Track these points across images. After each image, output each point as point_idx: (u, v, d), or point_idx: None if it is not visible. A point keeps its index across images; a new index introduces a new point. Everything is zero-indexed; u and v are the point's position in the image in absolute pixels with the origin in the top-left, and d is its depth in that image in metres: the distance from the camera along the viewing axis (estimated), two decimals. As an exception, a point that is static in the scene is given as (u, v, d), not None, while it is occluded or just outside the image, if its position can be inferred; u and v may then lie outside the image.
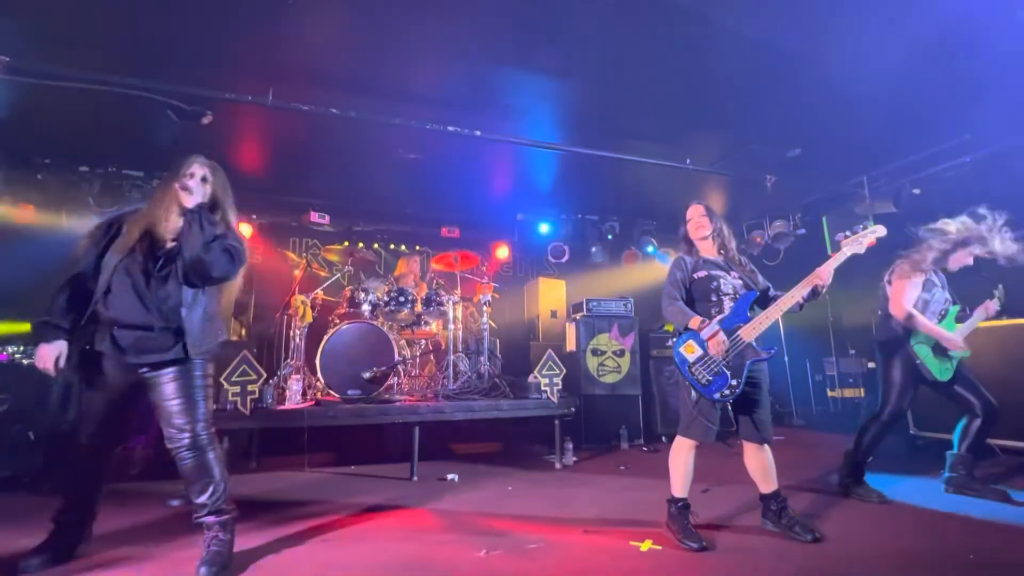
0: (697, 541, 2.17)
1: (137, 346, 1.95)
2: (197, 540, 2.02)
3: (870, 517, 2.57)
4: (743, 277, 2.40)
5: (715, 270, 2.40)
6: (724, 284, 2.36)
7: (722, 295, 2.34)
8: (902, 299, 2.90)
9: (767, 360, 2.30)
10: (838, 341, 6.20)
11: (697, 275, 2.40)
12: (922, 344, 2.91)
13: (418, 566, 2.03)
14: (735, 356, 2.24)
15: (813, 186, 5.52)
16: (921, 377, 2.92)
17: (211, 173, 2.10)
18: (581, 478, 3.62)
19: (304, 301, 4.27)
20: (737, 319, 2.28)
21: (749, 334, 2.24)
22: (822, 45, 3.28)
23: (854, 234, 2.40)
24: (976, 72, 3.51)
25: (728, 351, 2.23)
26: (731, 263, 2.45)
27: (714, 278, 2.37)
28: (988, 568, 1.91)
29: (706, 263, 2.43)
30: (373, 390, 3.82)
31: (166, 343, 1.98)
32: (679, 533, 2.23)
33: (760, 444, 2.33)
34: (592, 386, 4.97)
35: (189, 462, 1.98)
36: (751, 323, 2.25)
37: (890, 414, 2.96)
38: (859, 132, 4.39)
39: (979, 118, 4.05)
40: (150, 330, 1.96)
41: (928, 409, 4.26)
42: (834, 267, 2.33)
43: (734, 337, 2.25)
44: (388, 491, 3.24)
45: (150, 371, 1.98)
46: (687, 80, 3.73)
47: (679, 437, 2.36)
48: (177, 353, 1.99)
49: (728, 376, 2.23)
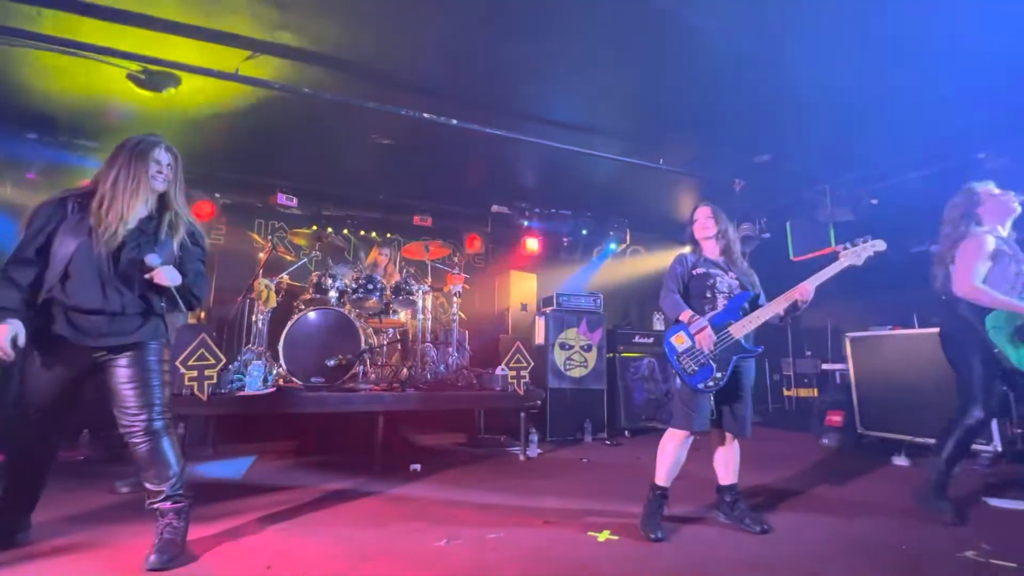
0: (654, 532, 2.24)
1: (98, 329, 1.89)
2: (148, 527, 1.95)
3: (820, 510, 2.70)
4: (740, 278, 2.48)
5: (714, 269, 2.48)
6: (720, 282, 2.43)
7: (717, 293, 2.42)
8: (969, 275, 2.48)
9: (753, 357, 2.39)
10: (795, 342, 6.46)
11: (696, 272, 2.49)
12: (998, 328, 2.44)
13: (378, 555, 2.02)
14: (723, 351, 2.32)
15: (779, 192, 5.70)
16: (1004, 368, 2.45)
17: (174, 159, 2.08)
18: (544, 470, 3.67)
19: (268, 285, 4.14)
20: (729, 316, 2.37)
21: (738, 331, 2.33)
22: (790, 55, 3.38)
23: (854, 246, 2.43)
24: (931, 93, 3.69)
25: (716, 345, 2.32)
26: (732, 264, 2.52)
27: (711, 276, 2.45)
28: (917, 555, 2.03)
29: (706, 262, 2.51)
30: (337, 378, 3.75)
31: (129, 327, 1.93)
32: (644, 519, 2.31)
33: (735, 437, 2.44)
34: (559, 380, 5.03)
35: (143, 448, 1.92)
36: (741, 321, 2.34)
37: (977, 417, 2.46)
38: (823, 141, 4.55)
39: (932, 135, 4.26)
40: (113, 314, 1.90)
41: (875, 406, 4.51)
42: (823, 280, 2.38)
43: (724, 333, 2.34)
44: (350, 480, 3.21)
45: (107, 354, 1.92)
46: (662, 82, 3.78)
47: (669, 428, 2.43)
48: (139, 336, 1.94)
49: (713, 368, 2.31)
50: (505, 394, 4.08)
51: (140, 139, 2.02)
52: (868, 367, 4.63)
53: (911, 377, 4.06)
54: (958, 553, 2.07)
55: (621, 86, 3.88)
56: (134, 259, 1.92)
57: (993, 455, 3.66)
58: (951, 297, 2.60)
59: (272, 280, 4.28)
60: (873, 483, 3.26)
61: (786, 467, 3.80)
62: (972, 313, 2.50)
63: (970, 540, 2.20)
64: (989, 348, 2.46)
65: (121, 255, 1.92)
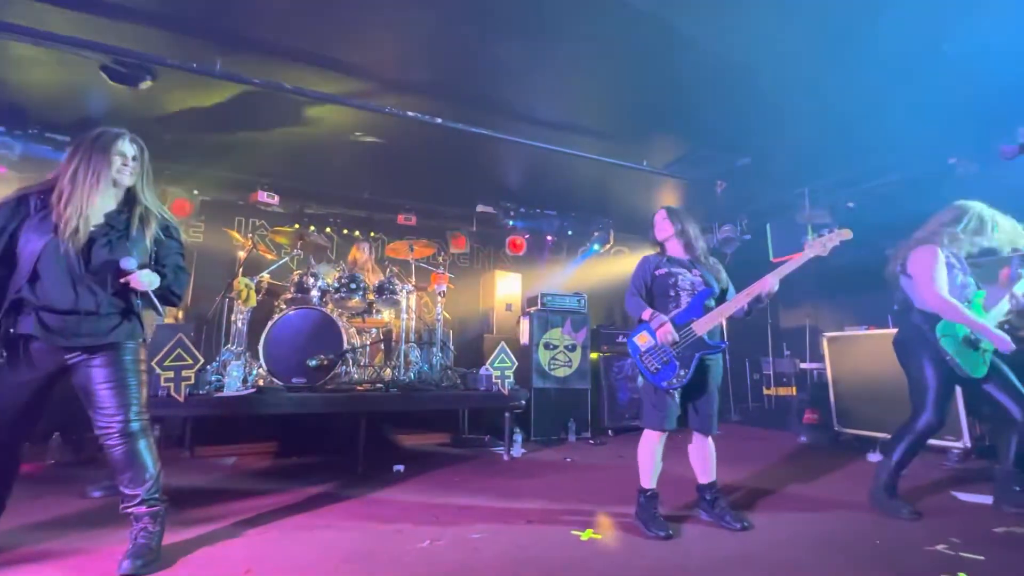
0: (664, 529, 2.25)
1: (71, 329, 1.82)
2: (121, 533, 1.90)
3: (797, 506, 2.75)
4: (704, 275, 2.49)
5: (676, 268, 2.50)
6: (682, 281, 2.46)
7: (680, 291, 2.45)
8: (934, 286, 2.49)
9: (717, 354, 2.41)
10: (775, 342, 6.58)
11: (658, 272, 2.52)
12: (948, 337, 2.50)
13: (360, 558, 2.00)
14: (686, 348, 2.35)
15: (759, 194, 5.80)
16: (955, 376, 2.51)
17: (140, 152, 2.01)
18: (528, 470, 3.67)
19: (248, 284, 4.07)
20: (692, 313, 2.39)
21: (701, 327, 2.35)
22: (770, 60, 3.44)
23: (820, 236, 2.45)
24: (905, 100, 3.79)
25: (679, 342, 2.35)
26: (695, 262, 2.55)
27: (673, 275, 2.48)
28: (890, 549, 2.09)
29: (669, 261, 2.54)
30: (319, 379, 3.70)
31: (104, 326, 1.87)
32: (644, 523, 2.32)
33: (704, 435, 2.46)
34: (543, 379, 5.04)
35: (119, 451, 1.86)
36: (704, 317, 2.37)
37: (927, 423, 2.52)
38: (802, 145, 4.64)
39: (906, 141, 4.38)
40: (87, 314, 1.84)
41: (851, 404, 4.62)
42: (787, 273, 2.41)
43: (686, 330, 2.36)
44: (332, 482, 3.17)
45: (81, 355, 1.86)
46: (645, 84, 3.81)
47: (644, 430, 2.46)
48: (115, 337, 1.88)
49: (677, 366, 2.35)
50: (489, 394, 4.07)
51: (101, 131, 1.95)
52: (844, 366, 4.74)
53: (885, 376, 4.16)
54: (928, 547, 2.13)
55: (606, 87, 3.91)
56: (108, 260, 1.86)
57: (962, 451, 3.78)
58: (904, 306, 2.68)
59: (252, 279, 4.20)
60: (848, 480, 3.34)
61: (765, 465, 3.86)
62: (924, 321, 2.57)
63: (940, 534, 2.27)
64: (941, 356, 2.51)
65: (92, 252, 1.86)
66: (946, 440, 3.82)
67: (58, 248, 1.81)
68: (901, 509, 2.54)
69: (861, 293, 5.63)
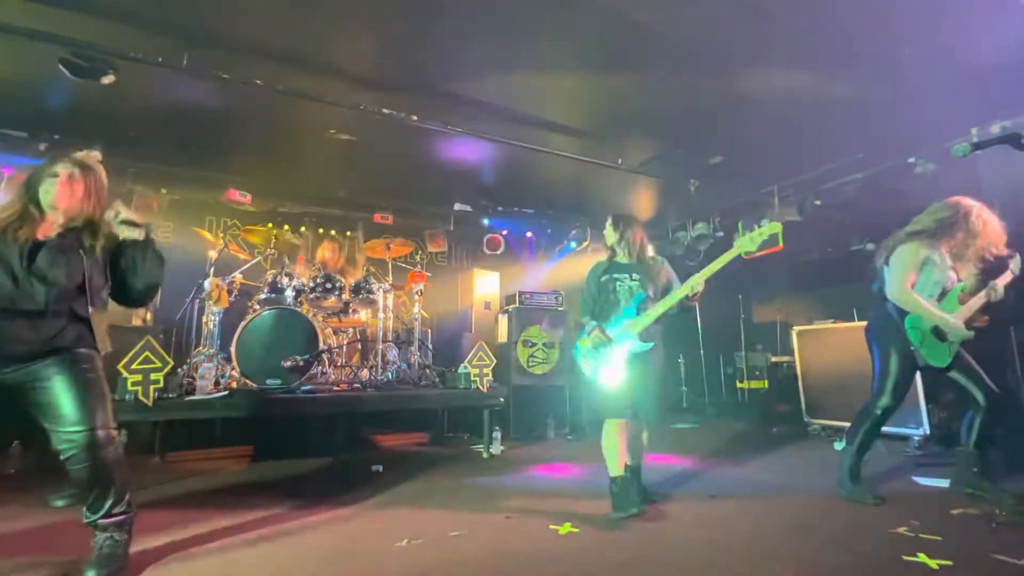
0: (636, 506, 2.43)
1: (16, 337, 1.71)
2: (88, 541, 1.83)
3: (768, 495, 2.84)
4: (642, 279, 2.66)
5: (618, 273, 2.70)
6: (620, 286, 2.66)
7: (619, 295, 2.65)
8: (897, 281, 2.64)
9: (644, 352, 2.55)
10: (747, 337, 6.75)
11: (602, 279, 2.72)
12: (915, 329, 2.64)
13: (338, 559, 1.99)
14: (618, 346, 2.56)
15: (731, 192, 5.93)
16: (917, 365, 2.67)
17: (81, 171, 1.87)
18: (507, 467, 3.69)
19: (219, 284, 3.98)
20: (626, 315, 2.60)
21: (632, 329, 2.55)
22: (738, 59, 3.52)
23: (750, 231, 2.59)
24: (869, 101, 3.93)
25: (612, 342, 2.55)
26: (637, 265, 2.70)
27: (614, 280, 2.68)
28: (855, 533, 2.18)
29: (613, 266, 2.74)
30: (295, 380, 3.65)
31: (54, 330, 1.75)
32: (617, 505, 2.45)
33: (642, 424, 2.61)
34: (522, 377, 5.06)
35: (81, 468, 1.74)
36: (635, 319, 2.56)
37: (883, 408, 2.67)
38: (771, 144, 4.77)
39: (868, 141, 4.55)
40: (34, 317, 1.73)
41: (819, 396, 4.77)
42: (712, 273, 2.56)
43: (619, 331, 2.57)
44: (309, 484, 3.13)
45: (31, 364, 1.73)
46: (619, 83, 3.86)
47: (606, 421, 2.59)
48: (67, 341, 1.77)
49: (611, 362, 2.56)
50: (468, 392, 4.07)
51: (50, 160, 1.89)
52: (813, 359, 4.89)
53: (851, 367, 4.31)
54: (890, 529, 2.23)
55: (580, 86, 3.94)
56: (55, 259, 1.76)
57: (922, 437, 3.95)
58: (881, 296, 2.79)
59: (224, 279, 4.11)
60: (816, 468, 3.45)
61: (737, 456, 3.96)
62: (897, 312, 2.70)
63: (901, 516, 2.37)
64: (907, 344, 2.65)
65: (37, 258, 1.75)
66: (907, 428, 3.99)
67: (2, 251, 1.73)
68: (865, 494, 2.65)
69: (828, 288, 5.82)
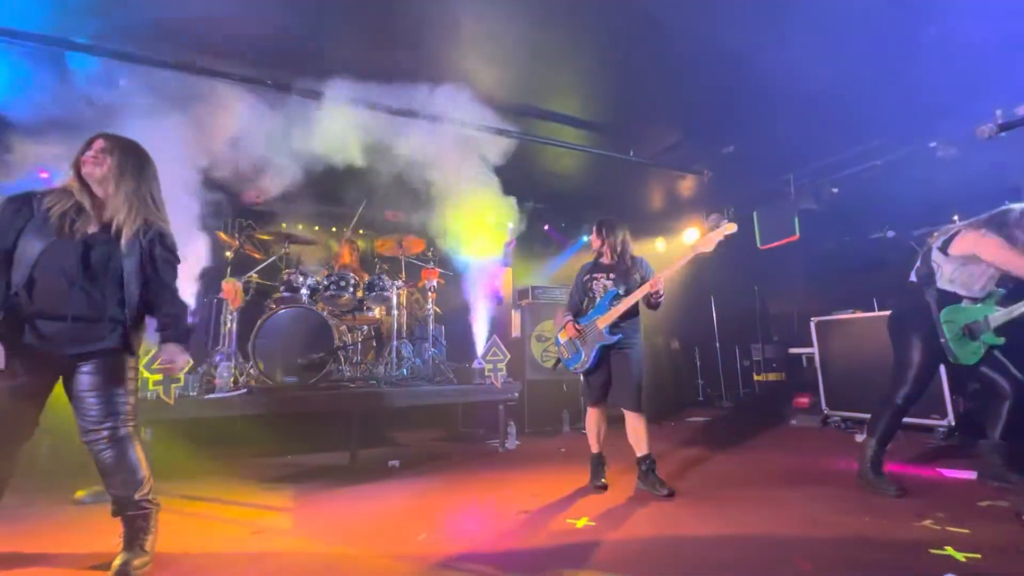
0: (597, 480, 2.87)
1: (65, 336, 1.78)
2: (114, 535, 1.88)
3: (788, 488, 2.80)
4: (617, 278, 2.87)
5: (598, 273, 2.95)
6: (596, 284, 2.92)
7: (595, 293, 2.92)
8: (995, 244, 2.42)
9: (614, 344, 2.78)
10: (764, 329, 6.66)
11: (584, 279, 3.00)
12: (950, 323, 2.51)
13: (356, 552, 2.01)
14: (589, 339, 2.86)
15: (746, 182, 5.84)
16: (944, 357, 2.55)
17: (115, 146, 1.89)
18: (523, 461, 3.69)
19: (236, 284, 4.04)
20: (597, 312, 2.86)
21: (602, 323, 2.80)
22: (754, 47, 3.45)
23: (710, 231, 2.71)
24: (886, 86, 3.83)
25: (583, 335, 2.87)
26: (617, 266, 2.91)
27: (593, 280, 2.94)
28: (879, 526, 2.14)
29: (596, 267, 3.00)
30: (311, 377, 3.69)
31: (98, 333, 1.82)
32: (591, 478, 2.90)
33: (629, 411, 2.78)
34: (536, 371, 5.06)
35: (107, 458, 1.84)
36: (605, 314, 2.79)
37: (905, 397, 2.59)
38: (787, 132, 4.67)
39: (889, 125, 4.43)
40: (81, 321, 1.79)
41: (839, 387, 4.69)
42: (674, 271, 2.77)
43: (590, 325, 2.85)
44: (327, 479, 3.17)
45: (73, 361, 1.82)
46: (632, 73, 3.81)
47: None
48: (108, 344, 1.84)
49: (582, 354, 2.88)
50: (482, 387, 4.08)
51: None
52: (832, 350, 4.81)
53: (872, 358, 4.23)
54: (916, 522, 2.18)
55: (593, 77, 3.91)
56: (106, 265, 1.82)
57: (947, 428, 3.86)
58: (922, 282, 2.63)
59: (240, 279, 4.17)
60: (838, 460, 3.40)
61: (756, 448, 3.92)
62: (936, 301, 2.55)
63: (927, 509, 2.32)
64: (935, 336, 2.53)
65: (91, 258, 1.81)
66: (931, 419, 3.90)
67: (57, 253, 1.76)
68: (888, 486, 2.59)
69: (847, 277, 5.70)
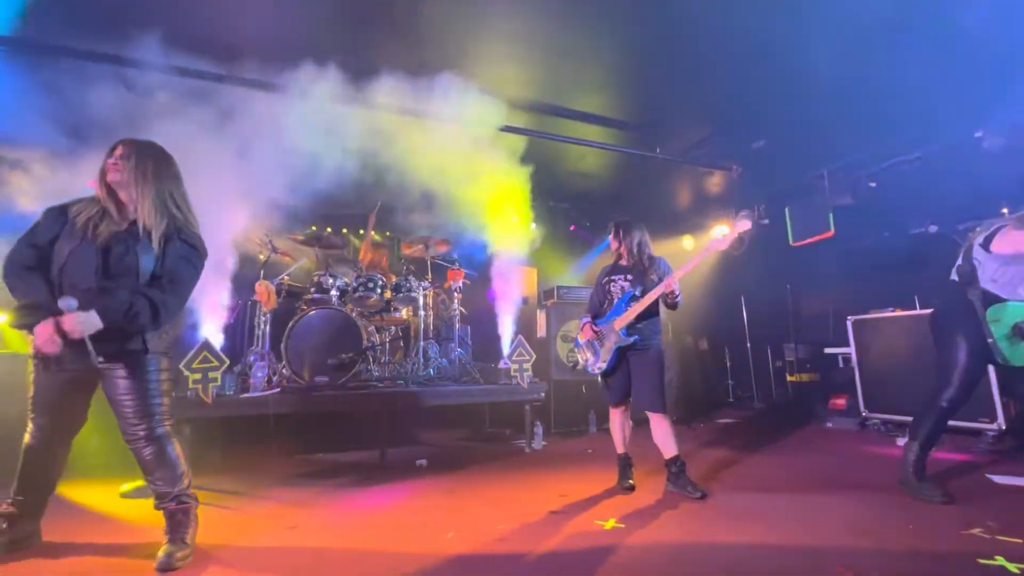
0: (624, 482, 2.83)
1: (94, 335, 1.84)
2: (157, 528, 1.96)
3: (825, 492, 2.71)
4: (633, 279, 2.86)
5: (616, 275, 2.96)
6: (614, 287, 2.94)
7: (613, 295, 2.93)
8: None
9: (631, 345, 2.78)
10: (797, 328, 6.46)
11: (602, 281, 3.02)
12: (997, 322, 2.42)
13: (386, 551, 2.04)
14: (606, 340, 2.86)
15: (777, 177, 5.68)
16: (991, 358, 2.45)
17: (133, 151, 1.94)
18: (550, 461, 3.68)
19: (269, 287, 4.15)
20: (614, 313, 2.86)
21: (619, 324, 2.80)
22: (784, 35, 3.35)
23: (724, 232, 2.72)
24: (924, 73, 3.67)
25: (601, 337, 2.86)
26: (634, 267, 2.91)
27: (611, 281, 2.96)
28: (923, 534, 2.05)
29: (614, 269, 3.01)
30: (341, 376, 3.76)
31: (119, 333, 1.88)
32: (618, 479, 2.89)
33: (652, 412, 2.74)
34: (562, 371, 5.03)
35: (147, 455, 1.94)
36: (622, 315, 2.79)
37: (950, 400, 2.47)
38: (819, 125, 4.52)
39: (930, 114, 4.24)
40: None
41: (878, 388, 4.51)
42: (686, 272, 2.75)
43: (607, 326, 2.84)
44: (356, 477, 3.22)
45: (105, 361, 1.88)
46: (657, 68, 3.76)
47: None
48: (135, 344, 1.92)
49: (600, 356, 2.87)
50: (509, 387, 4.08)
51: None
52: (871, 350, 4.64)
53: (914, 359, 4.06)
54: (964, 531, 2.08)
55: (620, 75, 3.87)
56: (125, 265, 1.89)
57: (997, 432, 3.67)
58: (965, 280, 2.53)
59: (273, 281, 4.28)
60: (877, 465, 3.28)
61: (790, 451, 3.81)
62: (980, 299, 2.45)
63: (975, 517, 2.21)
64: (981, 336, 2.43)
65: (110, 259, 1.88)
66: (980, 422, 3.72)
67: (82, 254, 1.85)
68: (932, 492, 2.48)
69: (885, 275, 5.48)
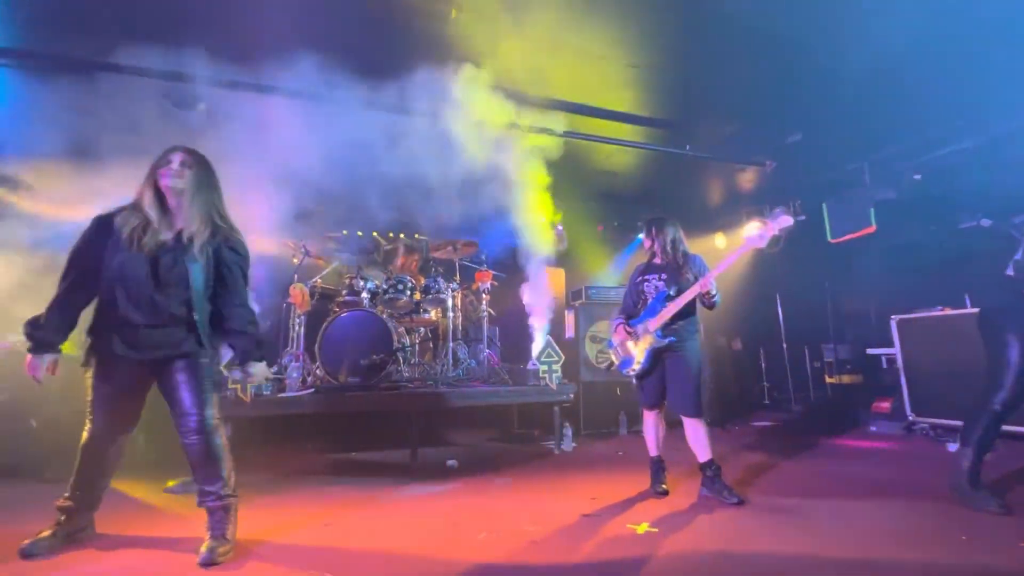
0: (657, 487, 2.76)
1: (148, 342, 1.97)
2: (200, 524, 2.04)
3: (872, 499, 2.60)
4: (668, 278, 2.79)
5: (650, 274, 2.89)
6: (648, 286, 2.87)
7: (647, 295, 2.86)
8: None
9: (667, 347, 2.70)
10: (837, 328, 6.21)
11: (636, 281, 2.96)
12: None
13: (417, 550, 2.06)
14: (641, 342, 2.78)
15: (813, 171, 5.49)
16: None
17: (193, 160, 2.04)
18: (580, 464, 3.65)
19: (303, 289, 4.26)
20: (648, 314, 2.79)
21: (653, 325, 2.72)
22: (820, 28, 3.23)
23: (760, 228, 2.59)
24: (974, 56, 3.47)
25: (635, 338, 2.80)
26: (668, 266, 2.84)
27: (645, 281, 2.89)
28: (978, 546, 1.94)
29: (648, 268, 2.94)
30: (372, 377, 3.83)
31: (177, 337, 2.00)
32: (651, 483, 2.82)
33: (687, 416, 2.67)
34: (591, 372, 4.99)
35: (197, 445, 2.02)
36: (657, 316, 2.71)
37: (1003, 402, 2.37)
38: (858, 116, 4.35)
39: (980, 100, 4.01)
40: (161, 326, 1.98)
41: (926, 391, 4.30)
42: (722, 270, 2.64)
43: (642, 327, 2.77)
44: (388, 476, 3.27)
45: (160, 363, 2.01)
46: (688, 63, 3.69)
47: None
48: (189, 347, 2.02)
49: (634, 358, 2.80)
50: (537, 388, 4.07)
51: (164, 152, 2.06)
52: (918, 351, 4.42)
53: (964, 360, 3.85)
54: (1022, 542, 1.96)
55: (647, 70, 3.80)
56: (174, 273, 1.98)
57: (1059, 439, 3.45)
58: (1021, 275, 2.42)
59: (307, 284, 4.39)
60: (927, 471, 3.12)
61: (831, 456, 3.67)
62: None
63: (1036, 529, 2.08)
64: None
65: (159, 268, 1.97)
66: (1039, 427, 3.50)
67: (133, 263, 1.94)
68: (988, 501, 2.34)
69: (931, 272, 5.22)
